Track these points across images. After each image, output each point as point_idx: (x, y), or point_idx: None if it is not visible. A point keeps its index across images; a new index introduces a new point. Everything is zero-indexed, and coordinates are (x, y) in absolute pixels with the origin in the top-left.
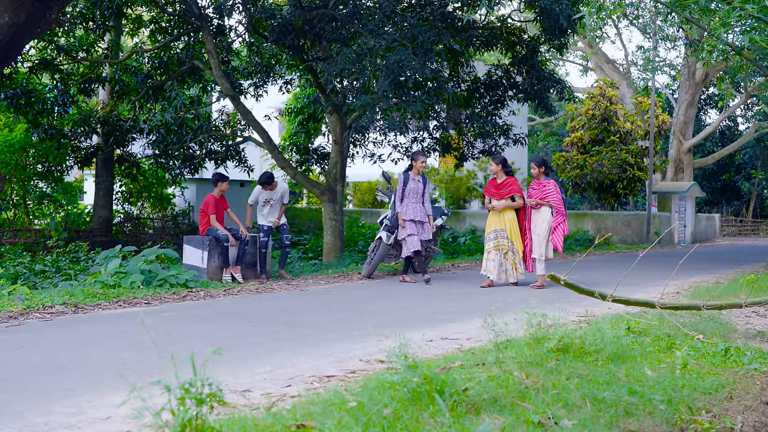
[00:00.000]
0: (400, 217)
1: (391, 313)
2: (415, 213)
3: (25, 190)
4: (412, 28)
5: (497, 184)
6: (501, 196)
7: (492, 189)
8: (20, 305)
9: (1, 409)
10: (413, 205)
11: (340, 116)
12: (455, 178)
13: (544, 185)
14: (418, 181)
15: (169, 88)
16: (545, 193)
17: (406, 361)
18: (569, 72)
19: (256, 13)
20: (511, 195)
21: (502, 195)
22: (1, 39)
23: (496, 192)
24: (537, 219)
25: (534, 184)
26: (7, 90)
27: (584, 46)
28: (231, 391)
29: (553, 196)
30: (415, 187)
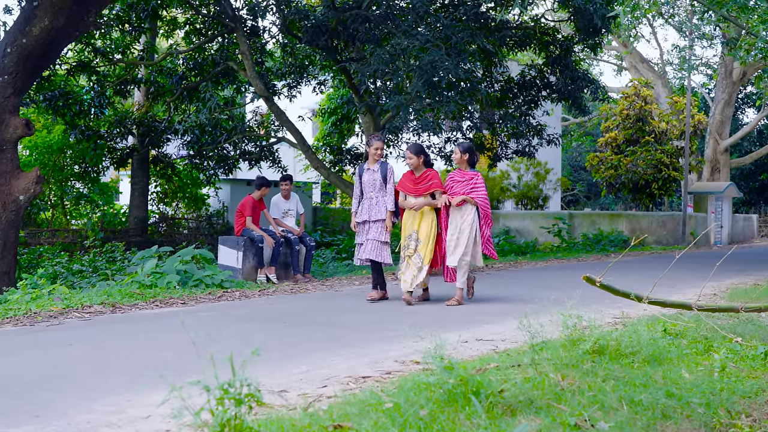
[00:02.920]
0: (353, 219)
1: (426, 313)
2: (370, 212)
3: (63, 191)
4: (445, 28)
5: (415, 178)
6: (419, 193)
7: (408, 184)
8: (60, 305)
9: (46, 406)
10: (369, 201)
11: (373, 117)
12: (488, 179)
13: (470, 178)
14: (374, 171)
15: (203, 89)
16: (472, 187)
17: (442, 362)
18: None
19: (290, 14)
20: (431, 191)
21: (421, 191)
22: (41, 42)
23: (413, 188)
24: (459, 220)
25: (455, 174)
26: (46, 92)
27: (619, 45)
28: (268, 392)
29: (481, 192)
30: (371, 179)
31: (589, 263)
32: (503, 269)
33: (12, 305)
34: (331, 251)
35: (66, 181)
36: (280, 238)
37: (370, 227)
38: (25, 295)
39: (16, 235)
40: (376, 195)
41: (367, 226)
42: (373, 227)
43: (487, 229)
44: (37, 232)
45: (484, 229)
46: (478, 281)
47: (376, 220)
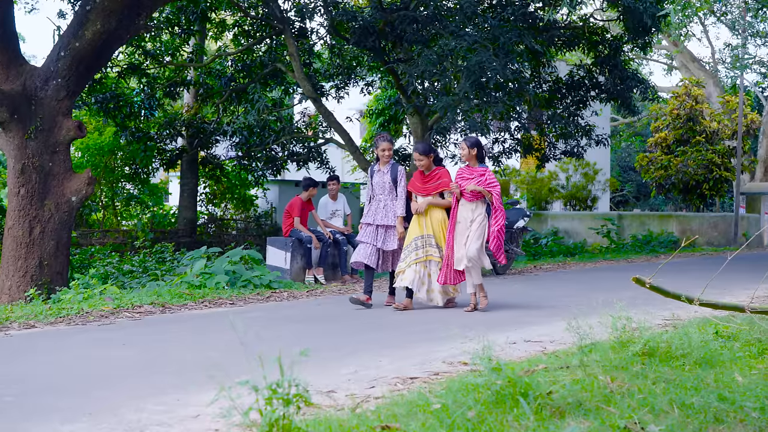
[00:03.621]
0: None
1: (474, 315)
2: (376, 215)
3: (114, 192)
4: (493, 28)
5: (424, 177)
6: (428, 192)
7: (417, 183)
8: (111, 304)
9: (99, 405)
10: (377, 204)
11: (421, 118)
12: (537, 179)
13: (480, 174)
14: (384, 172)
15: (251, 90)
16: (484, 183)
17: (490, 363)
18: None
19: (338, 16)
20: (440, 190)
21: (429, 190)
22: (93, 45)
23: (422, 187)
24: (467, 217)
25: (463, 171)
26: (98, 94)
27: (669, 44)
28: (316, 392)
29: (496, 188)
30: (380, 181)
31: (638, 264)
32: (551, 270)
33: (65, 305)
34: None
35: (117, 182)
36: (328, 239)
37: (377, 232)
38: (77, 295)
39: (69, 236)
40: (385, 198)
41: (373, 230)
42: (379, 232)
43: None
44: (88, 233)
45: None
46: (529, 282)
47: (383, 225)
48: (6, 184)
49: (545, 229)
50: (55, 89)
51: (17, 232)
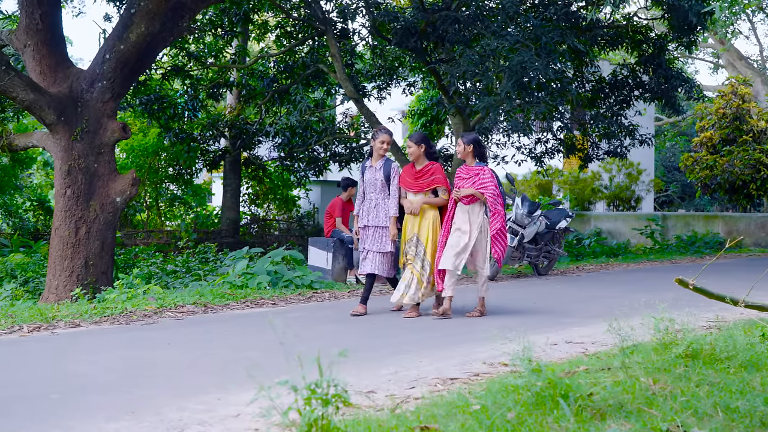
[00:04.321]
0: (355, 223)
1: (514, 316)
2: (368, 216)
3: (158, 193)
4: (535, 28)
5: (415, 172)
6: (419, 189)
7: (408, 178)
8: (154, 304)
9: (141, 403)
10: (369, 203)
11: (463, 118)
12: (580, 180)
13: (476, 173)
14: (377, 169)
15: (294, 91)
16: (479, 183)
17: (530, 364)
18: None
19: (379, 16)
20: (433, 187)
21: (421, 187)
22: (138, 48)
23: (413, 183)
24: (464, 220)
25: (461, 170)
26: (142, 96)
27: (715, 42)
28: (355, 392)
29: (489, 188)
30: (372, 178)
31: (682, 265)
32: (593, 271)
33: (109, 304)
34: None
35: (161, 183)
36: None
37: (372, 234)
38: (121, 295)
39: (113, 236)
40: (377, 197)
41: (369, 233)
42: (374, 235)
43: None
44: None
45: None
46: (571, 283)
47: (377, 226)
48: (54, 185)
49: (588, 229)
50: (100, 91)
51: (64, 233)
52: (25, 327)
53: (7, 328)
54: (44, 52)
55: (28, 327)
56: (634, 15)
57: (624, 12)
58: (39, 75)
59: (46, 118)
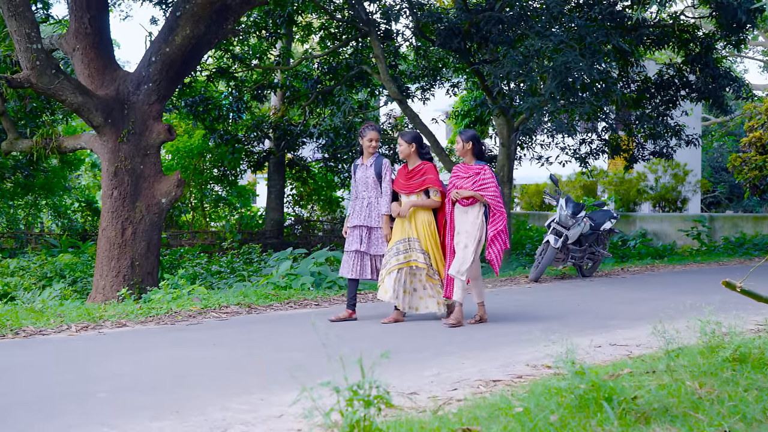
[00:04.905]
0: (346, 222)
1: (558, 317)
2: (360, 215)
3: (203, 194)
4: (579, 28)
5: (407, 172)
6: (410, 190)
7: (400, 179)
8: (199, 305)
9: (185, 402)
10: (361, 203)
11: (507, 119)
12: (625, 181)
13: (476, 172)
14: (368, 166)
15: (338, 92)
16: (479, 184)
17: (574, 367)
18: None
19: (423, 17)
20: (425, 188)
21: (412, 188)
22: (183, 50)
23: (405, 184)
24: (462, 221)
25: (459, 169)
26: (187, 98)
27: (765, 40)
28: (398, 394)
29: (490, 188)
30: (363, 177)
31: (730, 267)
32: (639, 273)
33: (155, 304)
34: None
35: (205, 184)
36: None
37: (366, 235)
38: (166, 295)
39: (159, 237)
40: (369, 195)
41: (361, 233)
42: (370, 236)
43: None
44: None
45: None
46: (615, 284)
47: (370, 227)
48: (101, 186)
49: (633, 230)
50: (146, 94)
51: (110, 233)
52: (74, 326)
53: (56, 327)
54: (92, 55)
55: (76, 326)
56: (681, 14)
57: (670, 11)
58: (87, 78)
59: (94, 121)
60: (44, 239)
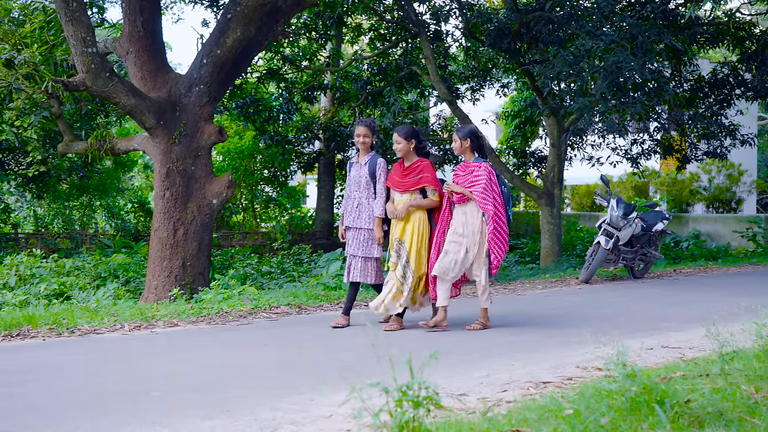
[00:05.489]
0: (340, 224)
1: (609, 319)
2: (350, 216)
3: (253, 195)
4: (631, 27)
5: (403, 170)
6: (405, 188)
7: (395, 177)
8: (249, 305)
9: (236, 402)
10: (352, 203)
11: (557, 119)
12: (677, 181)
13: (471, 170)
14: (362, 165)
15: (387, 93)
16: (470, 181)
17: (625, 369)
18: None
19: (473, 18)
20: (421, 186)
21: (407, 186)
22: (234, 52)
23: (399, 182)
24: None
25: (458, 168)
26: (238, 99)
27: None
28: (447, 395)
29: (479, 185)
30: (356, 176)
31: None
32: (692, 274)
33: (206, 304)
34: (514, 255)
35: (256, 185)
36: None
37: (355, 238)
38: (217, 295)
39: (210, 237)
40: (359, 195)
41: (353, 235)
42: (358, 238)
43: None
44: (229, 235)
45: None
46: (668, 286)
47: (359, 228)
48: (153, 187)
49: (686, 232)
50: (197, 95)
51: (162, 234)
52: (127, 325)
53: (110, 326)
54: (145, 58)
55: (129, 326)
56: (736, 11)
57: (725, 8)
58: (140, 80)
59: (146, 122)
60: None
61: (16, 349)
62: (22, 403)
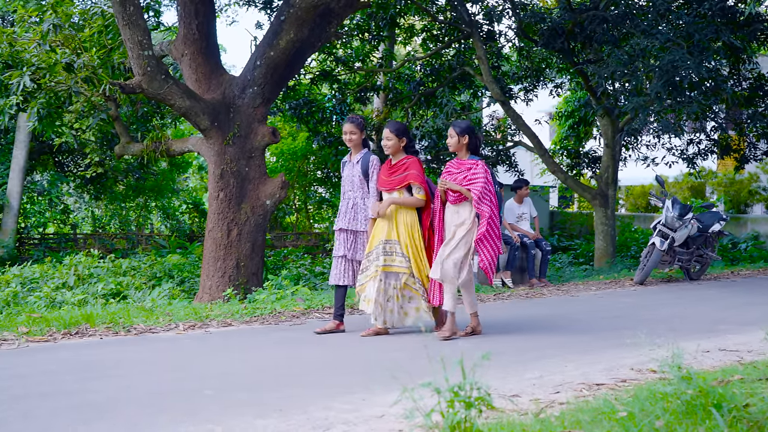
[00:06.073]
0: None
1: (664, 321)
2: (345, 218)
3: (306, 196)
4: (687, 25)
5: (390, 167)
6: (391, 186)
7: (382, 176)
8: (302, 305)
9: (289, 401)
10: (347, 203)
11: (611, 119)
12: (735, 182)
13: (468, 168)
14: (354, 164)
15: (440, 94)
16: (467, 179)
17: (680, 371)
18: None
19: (526, 18)
20: (407, 183)
21: (393, 184)
22: (287, 54)
23: (386, 180)
24: (452, 222)
25: (451, 165)
26: (291, 101)
27: None
28: (499, 396)
29: (478, 184)
30: (349, 175)
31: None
32: (750, 276)
33: (259, 305)
34: (568, 256)
35: (309, 186)
36: (516, 243)
37: (354, 240)
38: (270, 295)
39: (263, 238)
40: (354, 196)
41: (347, 237)
42: (348, 239)
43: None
44: (282, 235)
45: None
46: (725, 288)
47: (354, 231)
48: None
49: (744, 233)
50: (251, 97)
51: (216, 234)
52: (181, 325)
53: (165, 325)
54: (200, 60)
55: (184, 325)
56: None
57: None
58: (195, 83)
59: (201, 124)
60: (154, 240)
61: (75, 347)
62: (80, 399)
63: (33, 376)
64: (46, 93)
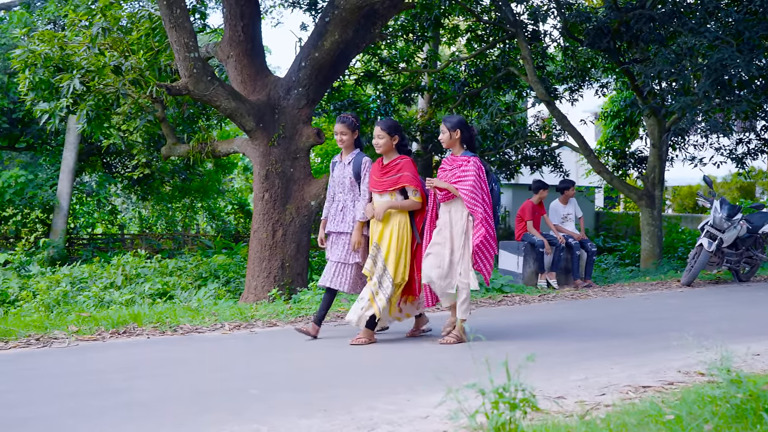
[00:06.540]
0: (321, 228)
1: (712, 323)
2: (334, 220)
3: None
4: (737, 23)
5: (382, 168)
6: (383, 188)
7: (374, 177)
8: (346, 306)
9: (333, 401)
10: (336, 206)
11: (658, 119)
12: None
13: (459, 164)
14: (345, 164)
15: (485, 94)
16: (456, 176)
17: (729, 374)
18: None
19: (571, 17)
20: (400, 186)
21: (385, 186)
22: (332, 55)
23: (378, 181)
24: (445, 221)
25: (445, 162)
26: (336, 102)
27: None
28: (544, 397)
29: (467, 182)
30: (340, 176)
31: None
32: None
33: (304, 305)
34: (613, 257)
35: None
36: (561, 244)
37: (336, 242)
38: (315, 296)
39: (308, 239)
40: (345, 197)
41: (337, 240)
42: (338, 243)
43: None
44: None
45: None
46: (764, 289)
47: (342, 233)
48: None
49: None
50: (296, 98)
51: (262, 235)
52: (227, 325)
53: (210, 325)
54: (245, 62)
55: (230, 325)
56: None
57: None
58: (240, 84)
59: (246, 125)
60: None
61: (122, 346)
62: (128, 397)
63: (82, 374)
64: (94, 95)
